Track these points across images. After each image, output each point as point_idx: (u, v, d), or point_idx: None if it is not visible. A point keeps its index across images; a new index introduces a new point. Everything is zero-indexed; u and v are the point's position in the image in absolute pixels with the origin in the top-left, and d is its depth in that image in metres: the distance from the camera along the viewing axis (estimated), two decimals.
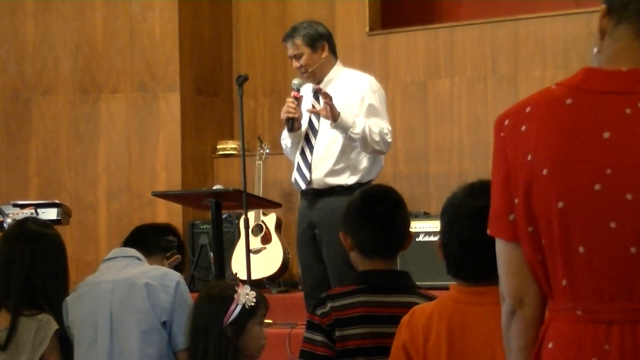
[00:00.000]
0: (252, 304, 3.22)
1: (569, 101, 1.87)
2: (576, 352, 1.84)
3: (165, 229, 3.77)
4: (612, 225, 1.81)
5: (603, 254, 1.82)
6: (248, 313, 3.21)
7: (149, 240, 3.66)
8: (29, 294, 3.44)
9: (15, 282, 3.44)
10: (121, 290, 3.45)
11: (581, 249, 1.83)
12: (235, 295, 3.20)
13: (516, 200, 1.90)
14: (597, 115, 1.84)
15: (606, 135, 1.82)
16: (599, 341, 1.82)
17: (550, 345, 1.88)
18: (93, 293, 3.50)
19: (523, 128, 1.90)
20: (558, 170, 1.84)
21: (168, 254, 3.66)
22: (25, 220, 3.74)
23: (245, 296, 3.21)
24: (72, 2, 7.66)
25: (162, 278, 3.44)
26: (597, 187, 1.82)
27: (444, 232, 2.64)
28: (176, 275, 3.48)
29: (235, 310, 3.18)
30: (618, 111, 1.83)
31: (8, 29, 7.66)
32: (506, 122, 1.94)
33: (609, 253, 1.81)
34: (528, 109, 1.91)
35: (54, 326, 3.39)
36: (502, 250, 1.95)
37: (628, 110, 1.82)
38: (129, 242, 3.68)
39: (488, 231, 1.97)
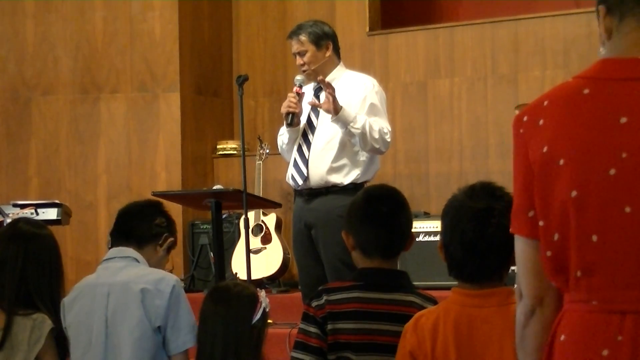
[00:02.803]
0: (268, 308, 3.22)
1: (586, 91, 1.87)
2: (588, 343, 1.83)
3: (151, 212, 3.64)
4: (627, 209, 1.80)
5: (618, 240, 1.81)
6: (266, 316, 3.21)
7: (138, 231, 3.57)
8: (24, 294, 3.44)
9: (9, 282, 3.44)
10: (116, 295, 3.43)
11: (594, 238, 1.82)
12: (260, 298, 3.20)
13: (535, 195, 1.90)
14: (613, 101, 1.84)
15: (623, 120, 1.82)
16: (611, 332, 1.80)
17: (562, 337, 1.87)
18: (89, 296, 3.48)
19: (541, 122, 1.90)
20: (574, 159, 1.84)
21: (160, 241, 3.61)
22: (18, 220, 3.74)
23: (265, 299, 3.21)
24: (72, 2, 7.65)
25: (158, 283, 3.41)
26: (612, 171, 1.81)
27: (445, 233, 2.65)
28: (172, 280, 3.44)
29: (259, 312, 3.17)
30: (635, 96, 1.83)
31: (8, 29, 7.66)
32: (525, 118, 1.94)
33: (624, 239, 1.80)
34: (545, 103, 1.91)
35: (49, 325, 3.39)
36: (523, 248, 1.94)
37: None
38: (118, 234, 3.62)
39: (510, 229, 1.96)
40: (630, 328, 1.79)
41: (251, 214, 6.90)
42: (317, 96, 5.21)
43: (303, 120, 5.19)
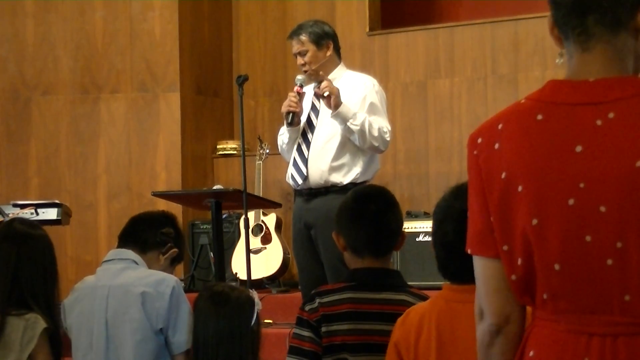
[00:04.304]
0: (260, 308, 3.23)
1: (539, 117, 1.84)
2: None
3: (161, 221, 3.71)
4: (588, 239, 1.79)
5: (580, 268, 1.80)
6: (259, 317, 3.22)
7: (143, 235, 3.62)
8: (17, 294, 3.44)
9: (2, 282, 3.43)
10: (116, 297, 3.44)
11: (557, 267, 1.81)
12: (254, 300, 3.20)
13: (492, 218, 1.88)
14: (568, 128, 1.82)
15: (578, 149, 1.80)
16: (579, 353, 1.80)
17: (531, 353, 1.87)
18: (89, 298, 3.49)
19: (496, 146, 1.88)
20: (532, 187, 1.82)
21: (164, 249, 3.63)
22: (13, 220, 3.73)
23: (258, 301, 3.22)
24: (72, 2, 7.65)
25: (158, 285, 3.42)
26: (571, 201, 1.79)
27: (433, 233, 2.66)
28: (172, 281, 3.45)
29: (255, 315, 3.18)
30: (589, 123, 1.80)
31: (8, 29, 7.66)
32: (479, 140, 1.92)
33: (586, 267, 1.79)
34: (500, 126, 1.89)
35: (42, 325, 3.38)
36: (485, 268, 1.92)
37: (599, 122, 1.80)
38: (124, 238, 3.66)
39: (469, 251, 1.94)
40: (596, 350, 1.79)
41: (251, 214, 6.89)
42: (317, 97, 5.21)
43: (303, 119, 5.20)
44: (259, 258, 6.92)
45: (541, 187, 1.82)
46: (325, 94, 5.00)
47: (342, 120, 5.00)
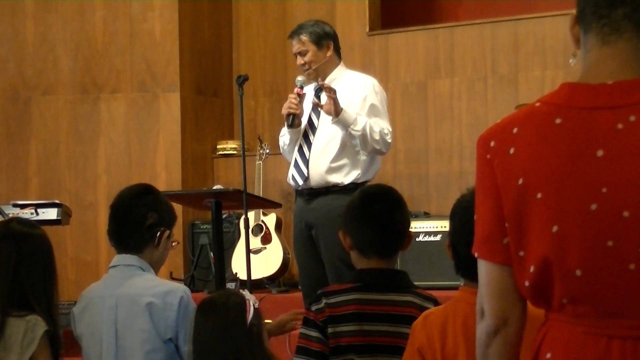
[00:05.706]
0: (258, 304, 3.22)
1: (558, 121, 1.82)
2: None
3: (140, 212, 3.57)
4: (609, 244, 1.77)
5: (601, 273, 1.79)
6: (259, 313, 3.21)
7: (131, 241, 3.53)
8: (18, 295, 3.42)
9: (2, 283, 3.41)
10: (124, 308, 3.43)
11: (578, 272, 1.80)
12: (246, 300, 3.19)
13: (507, 224, 1.87)
14: (588, 133, 1.80)
15: (600, 153, 1.78)
16: (598, 355, 1.80)
17: (548, 355, 1.86)
18: (98, 308, 3.47)
19: (511, 150, 1.86)
20: (552, 194, 1.80)
21: (155, 241, 3.55)
22: (10, 220, 3.71)
23: (252, 297, 3.21)
24: (72, 2, 7.65)
25: (166, 296, 3.40)
26: (593, 207, 1.78)
27: (453, 233, 2.65)
28: (180, 291, 3.42)
29: (251, 312, 3.16)
30: (609, 127, 1.79)
31: (8, 29, 7.66)
32: (492, 143, 1.90)
33: (607, 272, 1.78)
34: (515, 130, 1.87)
35: (42, 327, 3.36)
36: (489, 272, 1.91)
37: (620, 126, 1.78)
38: (116, 244, 3.61)
39: (475, 254, 1.94)
40: (616, 352, 1.79)
41: (251, 214, 6.89)
42: (317, 96, 5.22)
43: (304, 120, 5.20)
44: (259, 258, 6.92)
45: (562, 193, 1.80)
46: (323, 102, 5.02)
47: (343, 127, 5.00)
